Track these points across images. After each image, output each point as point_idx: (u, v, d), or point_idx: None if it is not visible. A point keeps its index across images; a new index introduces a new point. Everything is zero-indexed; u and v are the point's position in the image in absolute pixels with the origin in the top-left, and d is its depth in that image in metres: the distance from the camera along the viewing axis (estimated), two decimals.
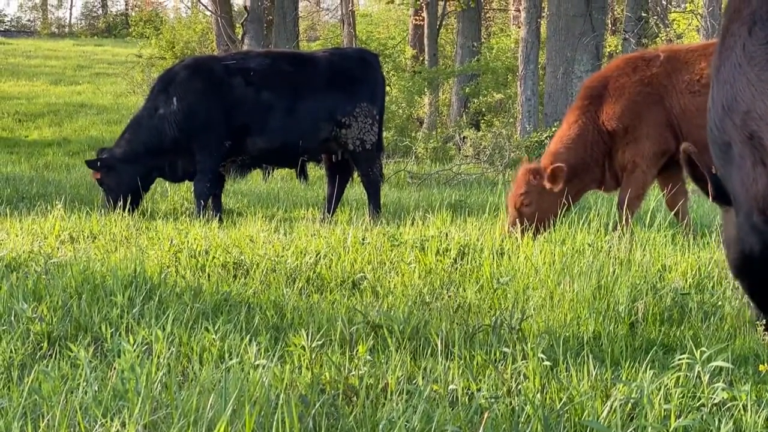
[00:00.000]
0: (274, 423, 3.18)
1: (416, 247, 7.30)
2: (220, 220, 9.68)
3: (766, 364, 4.33)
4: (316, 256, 6.98)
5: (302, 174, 14.49)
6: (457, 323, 5.09)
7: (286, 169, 14.27)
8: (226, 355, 4.29)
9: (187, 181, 10.69)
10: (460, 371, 4.15)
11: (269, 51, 12.76)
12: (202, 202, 9.99)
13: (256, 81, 9.95)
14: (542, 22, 22.81)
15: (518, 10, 24.32)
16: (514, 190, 8.52)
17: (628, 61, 8.89)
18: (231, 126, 9.92)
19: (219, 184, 10.37)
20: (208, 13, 29.47)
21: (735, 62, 4.14)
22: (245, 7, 23.11)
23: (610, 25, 27.86)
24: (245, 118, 9.91)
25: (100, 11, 68.60)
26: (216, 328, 4.59)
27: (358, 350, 4.30)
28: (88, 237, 7.97)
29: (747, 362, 4.55)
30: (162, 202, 11.01)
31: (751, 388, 3.93)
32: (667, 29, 22.05)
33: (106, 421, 3.30)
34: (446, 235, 7.70)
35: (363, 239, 7.62)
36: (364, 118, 9.98)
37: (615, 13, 29.95)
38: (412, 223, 8.58)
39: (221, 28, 24.48)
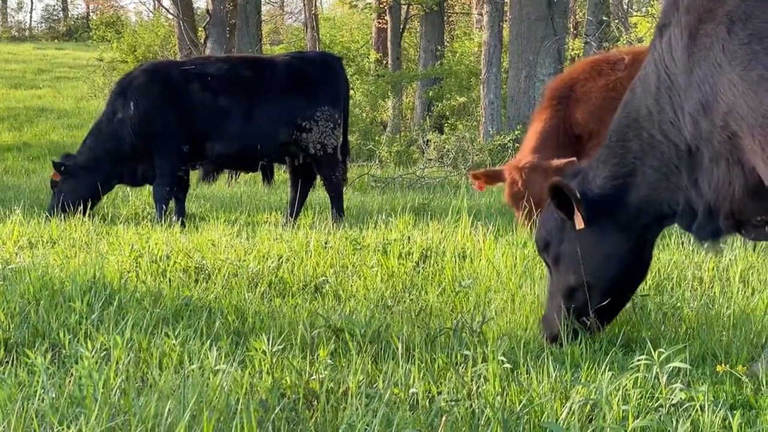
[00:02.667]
0: (233, 428, 3.16)
1: (378, 250, 7.31)
2: (183, 224, 9.63)
3: (723, 365, 4.38)
4: (279, 261, 6.97)
5: (266, 177, 14.46)
6: (418, 326, 5.10)
7: (250, 173, 14.23)
8: (186, 361, 4.26)
9: (148, 186, 10.63)
10: (421, 374, 4.15)
11: (229, 56, 12.73)
12: (162, 206, 9.96)
13: (213, 86, 9.93)
14: (505, 25, 22.91)
15: (481, 14, 24.40)
16: (520, 188, 8.48)
17: (594, 65, 8.94)
18: (189, 131, 9.91)
19: (183, 189, 10.33)
20: (171, 17, 29.35)
21: (714, 63, 4.13)
22: (208, 11, 23.03)
23: (572, 29, 28.05)
24: (203, 123, 9.90)
25: (60, 15, 67.99)
26: (176, 333, 4.56)
27: (319, 354, 4.30)
28: (47, 242, 7.90)
29: (705, 363, 4.59)
30: (123, 207, 10.94)
31: (709, 388, 3.98)
32: (628, 33, 22.22)
33: (63, 428, 3.27)
34: (409, 238, 7.71)
35: (325, 243, 7.61)
36: (325, 122, 9.97)
37: (577, 16, 30.15)
38: (375, 227, 8.58)
39: (183, 31, 24.36)
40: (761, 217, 4.27)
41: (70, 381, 3.78)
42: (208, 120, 9.88)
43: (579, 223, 4.86)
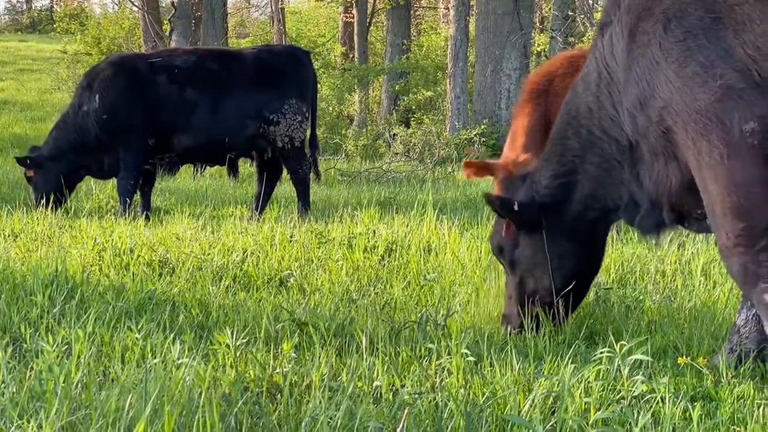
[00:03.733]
0: (195, 422, 3.15)
1: (344, 244, 7.31)
2: (147, 218, 9.58)
3: (684, 357, 4.42)
4: (243, 254, 6.94)
5: (232, 171, 14.40)
6: (383, 320, 5.10)
7: (216, 166, 14.16)
8: (149, 355, 4.24)
9: (113, 179, 10.56)
10: (385, 368, 4.15)
11: (196, 48, 12.67)
12: (126, 200, 9.90)
13: (180, 79, 9.88)
14: (471, 20, 22.94)
15: (447, 8, 24.43)
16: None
17: (572, 60, 8.94)
18: (155, 124, 9.85)
19: (148, 182, 10.28)
20: (135, 9, 29.12)
21: (651, 59, 4.20)
22: (173, 4, 22.90)
23: (537, 24, 28.15)
24: (169, 116, 9.85)
25: (24, 7, 67.27)
26: (139, 327, 4.53)
27: (283, 348, 4.29)
28: (9, 236, 7.82)
29: (666, 355, 4.63)
30: (87, 201, 10.85)
31: (670, 380, 4.01)
32: (594, 28, 22.34)
33: (23, 423, 3.24)
34: (374, 232, 7.72)
35: (291, 237, 7.60)
36: (293, 115, 9.96)
37: (543, 11, 30.26)
38: (341, 221, 8.58)
39: (148, 24, 24.18)
40: (701, 210, 4.33)
41: (30, 375, 3.75)
42: (175, 113, 9.84)
43: (507, 232, 5.00)
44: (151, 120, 9.85)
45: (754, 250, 3.81)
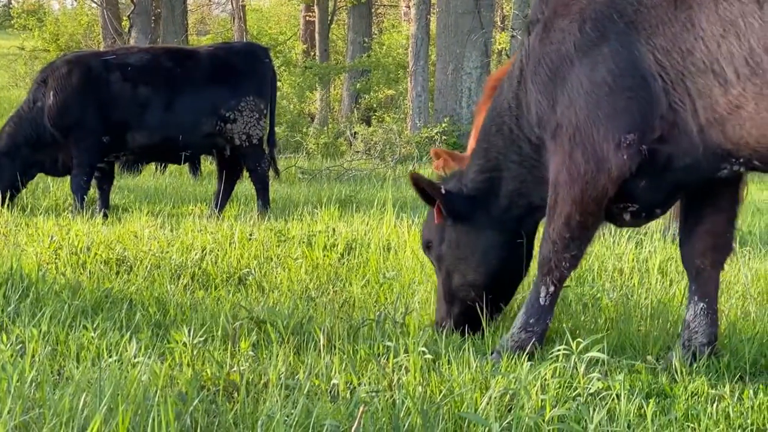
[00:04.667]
0: (150, 421, 3.13)
1: (303, 242, 7.29)
2: (105, 215, 9.51)
3: (640, 355, 4.46)
4: (202, 252, 6.90)
5: (193, 169, 14.32)
6: (341, 318, 5.10)
7: (175, 164, 14.07)
8: (105, 354, 4.20)
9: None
10: (343, 366, 4.14)
11: (152, 46, 12.61)
12: (80, 197, 9.83)
13: (133, 77, 9.83)
14: (432, 18, 22.98)
15: (409, 7, 24.46)
16: None
17: None
18: (108, 122, 9.80)
19: (107, 180, 10.21)
20: (94, 6, 28.85)
21: (566, 58, 4.32)
22: (132, 0, 22.70)
23: (498, 23, 28.26)
24: (123, 113, 9.80)
25: None
26: (95, 325, 4.49)
27: (240, 346, 4.27)
28: None
29: (623, 352, 4.66)
30: (43, 198, 10.73)
31: (625, 377, 4.05)
32: None
33: None
34: (334, 230, 7.71)
35: (250, 235, 7.57)
36: (249, 112, 9.91)
37: (503, 10, 30.38)
38: (301, 219, 8.56)
39: (107, 20, 23.96)
40: (619, 205, 4.42)
41: None
42: (128, 111, 9.79)
43: (437, 216, 4.98)
44: (105, 118, 9.79)
45: None
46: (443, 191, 4.97)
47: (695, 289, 4.59)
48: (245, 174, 10.62)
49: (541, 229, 4.84)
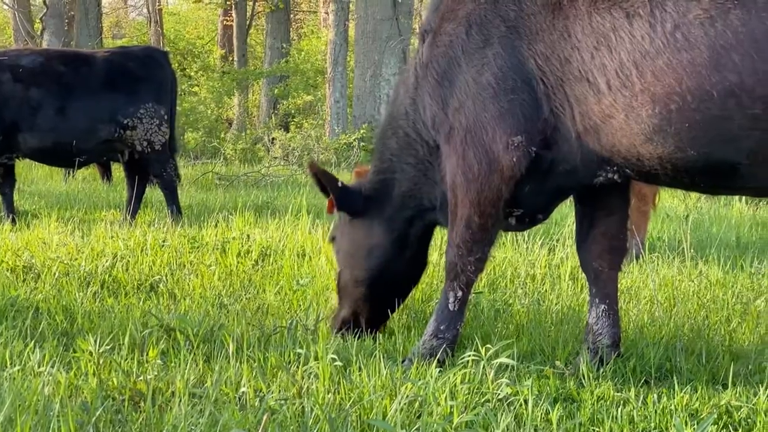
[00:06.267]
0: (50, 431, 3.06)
1: (217, 249, 7.23)
2: (14, 221, 9.30)
3: (560, 360, 4.51)
4: (113, 259, 6.79)
5: (106, 174, 14.09)
6: (253, 325, 5.06)
7: (69, 168, 13.74)
8: (8, 363, 4.10)
9: None
10: (253, 373, 4.11)
11: (47, 49, 12.40)
12: None
13: (25, 79, 9.62)
14: (351, 24, 22.99)
15: (327, 13, 24.43)
16: None
17: None
18: None
19: (8, 183, 9.97)
20: (6, 8, 28.21)
21: (454, 61, 4.43)
22: (45, 2, 22.25)
23: (417, 29, 28.38)
24: (13, 115, 9.58)
25: None
26: None
27: (148, 354, 4.21)
28: None
29: (533, 357, 4.71)
30: None
31: (534, 382, 4.09)
32: None
33: None
34: (248, 236, 7.66)
35: (163, 241, 7.47)
36: (149, 119, 9.74)
37: (422, 17, 30.54)
38: (215, 225, 8.47)
39: (19, 23, 23.45)
40: (505, 210, 4.51)
41: None
42: (18, 112, 9.57)
43: (329, 207, 5.12)
44: None
45: None
46: (339, 185, 5.07)
47: (595, 292, 4.69)
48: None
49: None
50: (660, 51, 3.82)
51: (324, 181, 5.04)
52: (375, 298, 5.06)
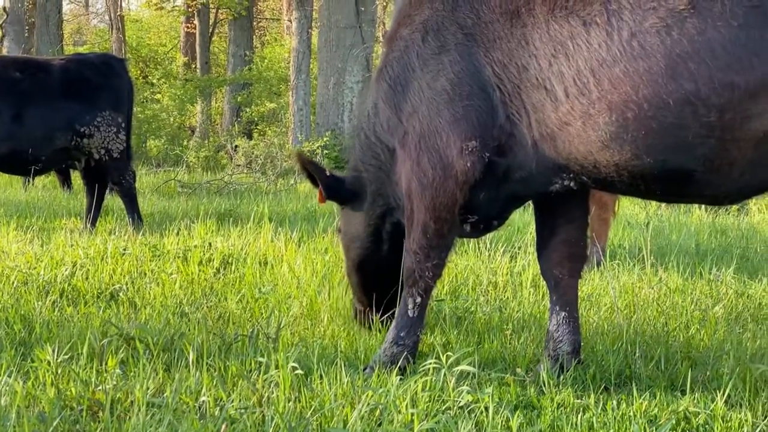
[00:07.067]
0: None
1: (179, 257, 7.19)
2: None
3: (521, 367, 4.53)
4: (73, 268, 6.74)
5: (65, 182, 13.97)
6: (215, 333, 5.04)
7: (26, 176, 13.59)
8: None
9: None
10: (214, 382, 4.09)
11: (2, 56, 12.25)
12: None
13: None
14: (314, 32, 22.98)
15: (290, 20, 24.39)
16: None
17: None
18: None
19: None
20: None
21: (408, 66, 4.48)
22: (4, 9, 22.07)
23: (380, 37, 28.43)
24: None
25: None
26: None
27: (107, 364, 4.18)
28: None
29: (494, 365, 4.72)
30: None
31: (495, 390, 4.10)
32: None
33: None
34: (210, 244, 7.63)
35: (124, 250, 7.42)
36: (107, 127, 9.66)
37: (385, 25, 30.59)
38: (177, 234, 8.43)
39: None
40: (460, 216, 4.55)
41: None
42: None
43: (319, 196, 5.21)
44: None
45: None
46: (327, 174, 5.16)
47: (556, 299, 4.72)
48: None
49: None
50: (617, 59, 3.85)
51: (311, 170, 5.11)
52: (368, 286, 5.23)
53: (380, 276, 5.18)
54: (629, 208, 13.26)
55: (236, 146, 20.64)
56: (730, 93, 3.71)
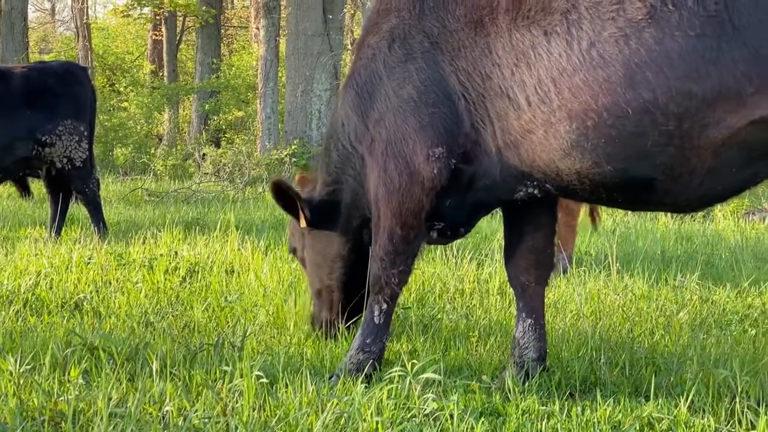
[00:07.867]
0: None
1: (144, 266, 7.15)
2: None
3: (487, 374, 4.53)
4: (37, 277, 6.68)
5: (24, 191, 13.82)
6: (180, 343, 5.01)
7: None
8: None
9: None
10: (178, 391, 4.06)
11: None
12: None
13: None
14: (282, 40, 22.95)
15: (258, 28, 24.34)
16: None
17: None
18: None
19: None
20: None
21: (375, 74, 4.51)
22: None
23: (349, 45, 28.46)
24: None
25: None
26: None
27: (70, 374, 4.14)
28: None
29: (460, 372, 4.72)
30: None
31: (460, 397, 4.10)
32: None
33: None
34: (176, 253, 7.59)
35: (89, 259, 7.37)
36: (69, 135, 9.57)
37: (354, 33, 30.61)
38: (143, 242, 8.38)
39: None
40: (427, 223, 4.56)
41: None
42: None
43: (302, 221, 5.16)
44: None
45: None
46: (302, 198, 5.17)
47: (522, 306, 4.73)
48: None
49: None
50: (576, 68, 3.88)
51: (293, 196, 5.09)
52: (347, 301, 5.23)
53: (361, 287, 5.14)
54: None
55: (204, 154, 20.54)
56: (687, 102, 3.74)
